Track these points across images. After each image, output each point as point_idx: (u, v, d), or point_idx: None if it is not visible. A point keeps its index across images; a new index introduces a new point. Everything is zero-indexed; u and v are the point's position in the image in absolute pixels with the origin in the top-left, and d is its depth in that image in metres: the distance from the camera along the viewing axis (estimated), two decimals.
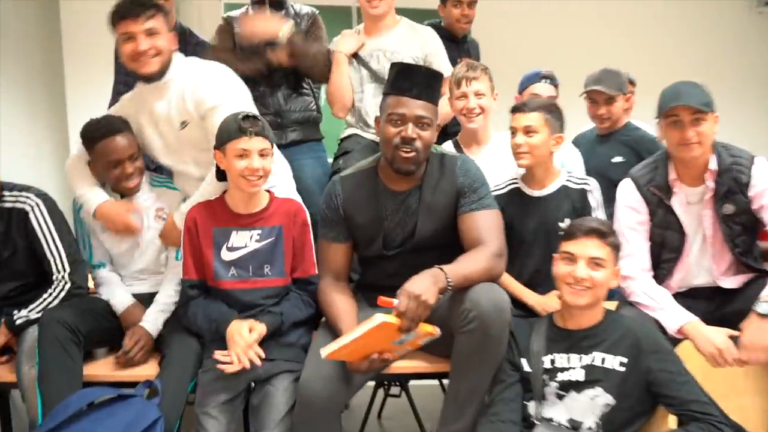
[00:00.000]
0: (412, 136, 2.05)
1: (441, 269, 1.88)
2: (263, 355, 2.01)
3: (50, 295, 2.26)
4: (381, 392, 3.13)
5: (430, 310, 1.81)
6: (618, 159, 2.88)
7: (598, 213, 2.33)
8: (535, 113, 2.31)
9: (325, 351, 1.82)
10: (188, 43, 2.96)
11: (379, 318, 1.74)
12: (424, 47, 2.88)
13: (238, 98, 2.33)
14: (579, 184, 2.36)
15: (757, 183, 2.15)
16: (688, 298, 2.23)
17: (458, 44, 3.33)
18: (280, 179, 2.40)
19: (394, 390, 3.15)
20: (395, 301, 1.80)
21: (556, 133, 2.33)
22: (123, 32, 2.24)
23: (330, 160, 3.04)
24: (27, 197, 2.30)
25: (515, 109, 2.36)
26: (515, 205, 2.36)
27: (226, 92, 2.30)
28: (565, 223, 2.27)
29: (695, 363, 1.96)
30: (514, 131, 2.34)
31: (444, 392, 2.85)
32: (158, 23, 2.25)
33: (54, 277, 2.29)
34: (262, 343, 2.05)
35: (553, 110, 2.34)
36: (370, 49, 2.90)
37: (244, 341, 2.00)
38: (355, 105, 2.93)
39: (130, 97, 2.47)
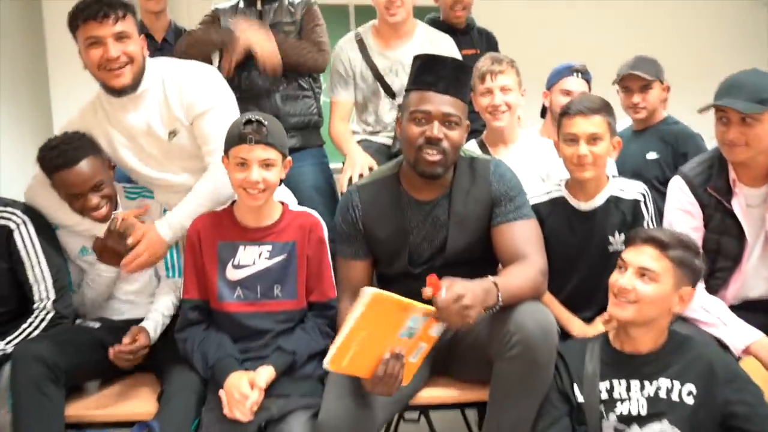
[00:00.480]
0: (438, 135, 1.83)
1: (495, 284, 1.67)
2: (262, 386, 1.80)
3: (30, 325, 2.02)
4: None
5: (468, 328, 1.61)
6: (652, 155, 2.69)
7: (652, 225, 2.06)
8: (599, 117, 2.01)
9: (327, 360, 1.59)
10: None
11: (367, 292, 1.51)
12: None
13: (230, 100, 2.15)
14: (631, 193, 2.08)
15: None
16: (744, 310, 2.03)
17: (460, 35, 3.07)
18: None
19: (411, 414, 2.92)
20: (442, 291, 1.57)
21: (615, 136, 2.07)
22: (88, 36, 1.96)
23: (333, 165, 2.85)
24: (12, 213, 2.07)
25: (573, 112, 2.02)
26: (558, 217, 2.09)
27: (217, 94, 2.11)
28: (614, 238, 2.05)
29: (762, 380, 1.75)
30: (573, 139, 2.01)
31: (466, 423, 2.66)
32: (129, 26, 1.98)
33: (36, 305, 2.05)
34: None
35: (611, 111, 2.06)
36: (387, 63, 2.72)
37: (243, 397, 1.76)
38: (365, 117, 2.78)
39: (92, 112, 2.16)
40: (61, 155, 1.99)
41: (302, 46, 2.61)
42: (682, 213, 2.06)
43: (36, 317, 2.04)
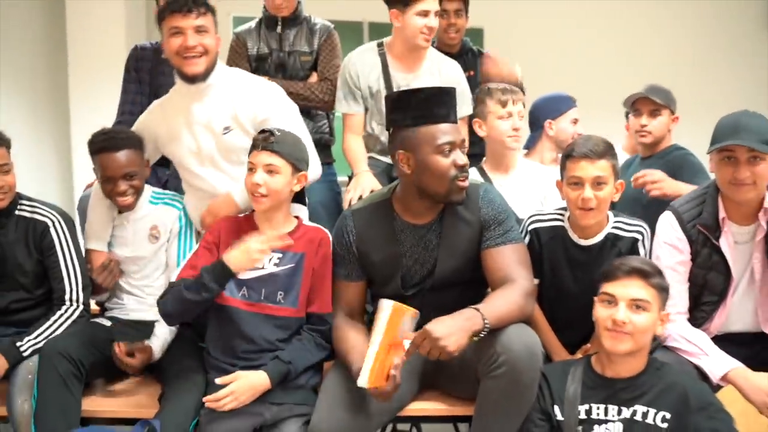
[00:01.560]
0: (466, 161, 1.95)
1: (477, 310, 1.74)
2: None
3: (61, 317, 2.15)
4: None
5: (449, 356, 1.69)
6: None
7: None
8: (604, 161, 1.99)
9: (363, 379, 1.70)
10: None
11: (387, 304, 1.63)
12: (449, 80, 2.67)
13: (293, 112, 2.33)
14: (629, 231, 2.08)
15: None
16: (727, 342, 2.08)
17: (455, 58, 3.01)
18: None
19: (404, 425, 2.99)
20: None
21: (618, 179, 2.06)
22: (171, 26, 2.16)
23: (340, 178, 2.92)
24: (48, 211, 2.24)
25: (579, 155, 1.99)
26: (556, 246, 2.11)
27: (284, 101, 2.31)
28: None
29: (736, 410, 1.82)
30: (577, 182, 2.00)
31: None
32: (208, 22, 2.19)
33: (67, 298, 2.19)
34: None
35: (615, 153, 2.06)
36: (401, 85, 2.69)
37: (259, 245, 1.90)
38: (374, 133, 2.79)
39: (161, 102, 2.39)
40: (107, 140, 2.20)
41: (310, 92, 2.77)
42: (670, 248, 2.09)
43: (67, 310, 2.17)
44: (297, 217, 2.13)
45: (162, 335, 2.15)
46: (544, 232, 2.12)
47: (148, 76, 2.89)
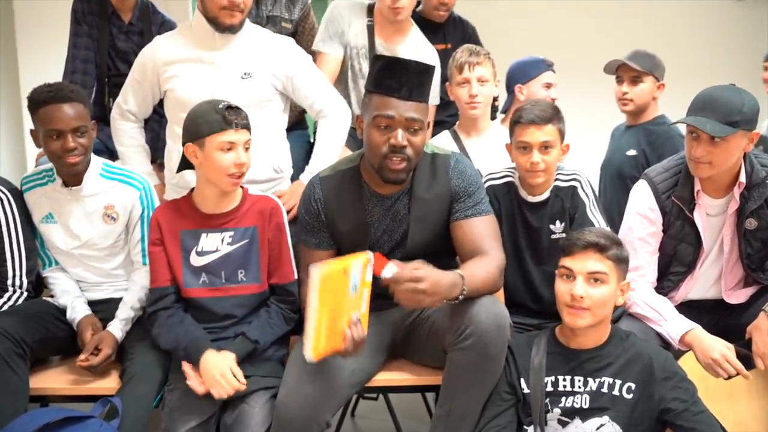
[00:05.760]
0: (402, 143, 1.84)
1: (462, 277, 1.72)
2: (244, 382, 1.84)
3: (4, 305, 2.06)
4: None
5: (414, 308, 1.72)
6: (632, 152, 2.71)
7: (592, 210, 2.12)
8: (551, 126, 2.06)
9: (308, 354, 1.62)
10: (152, 23, 2.79)
11: (314, 272, 1.55)
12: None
13: (313, 66, 2.49)
14: (567, 181, 2.14)
15: None
16: (690, 309, 2.12)
17: (433, 29, 3.02)
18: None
19: (371, 393, 3.01)
20: (391, 266, 1.64)
21: (563, 141, 2.13)
22: None
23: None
24: None
25: (526, 121, 2.06)
26: (508, 202, 2.16)
27: (305, 62, 2.42)
28: (555, 226, 2.13)
29: (696, 376, 1.86)
30: (526, 147, 2.07)
31: (425, 402, 2.75)
32: None
33: (9, 284, 2.09)
34: None
35: (562, 118, 2.11)
36: (380, 51, 2.73)
37: (221, 376, 1.82)
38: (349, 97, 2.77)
39: (171, 35, 2.44)
40: (54, 91, 2.02)
41: None
42: (642, 218, 2.10)
43: (10, 297, 2.08)
44: (242, 187, 2.06)
45: (125, 316, 2.09)
46: (498, 189, 2.17)
47: (96, 31, 2.78)
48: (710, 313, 2.15)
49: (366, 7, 2.86)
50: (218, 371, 1.82)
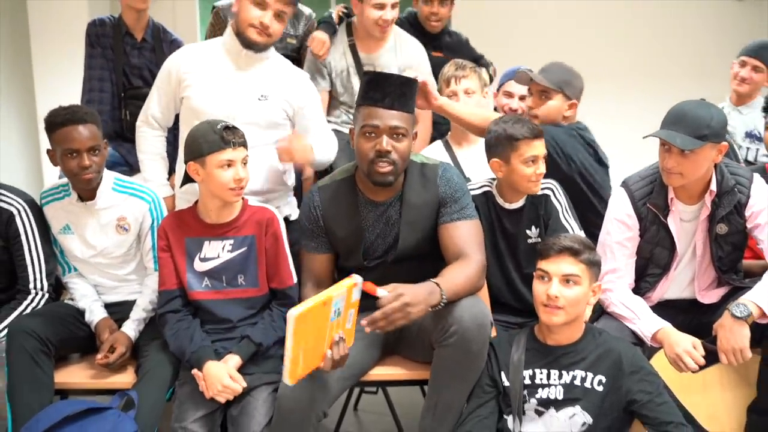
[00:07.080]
0: (387, 149, 1.99)
1: (438, 285, 1.86)
2: (243, 384, 2.00)
3: (27, 308, 2.22)
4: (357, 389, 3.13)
5: (407, 322, 1.81)
6: None
7: (565, 216, 2.26)
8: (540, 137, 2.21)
9: (285, 378, 1.74)
10: (163, 41, 2.92)
11: (290, 317, 1.64)
12: (408, 60, 2.82)
13: (319, 104, 2.63)
14: (541, 188, 2.27)
15: (755, 203, 2.14)
16: (666, 308, 2.25)
17: (431, 37, 3.15)
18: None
19: (371, 387, 3.14)
20: (380, 291, 1.79)
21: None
22: (258, 2, 2.31)
23: None
24: (14, 199, 2.25)
25: (530, 136, 2.18)
26: (487, 210, 2.30)
27: (316, 97, 2.55)
28: (531, 232, 2.27)
29: (668, 374, 1.99)
30: (534, 159, 2.19)
31: (423, 395, 2.88)
32: (289, 10, 2.37)
33: (31, 287, 2.25)
34: None
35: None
36: (365, 64, 2.85)
37: (221, 384, 1.97)
38: (341, 103, 2.90)
39: (199, 47, 2.52)
40: (70, 113, 2.15)
41: None
42: (619, 224, 2.21)
43: (32, 300, 2.24)
44: (243, 198, 2.19)
45: (138, 317, 2.24)
46: (477, 198, 2.27)
47: (111, 52, 2.93)
48: (685, 312, 2.27)
49: (344, 28, 2.95)
50: (219, 382, 1.96)
